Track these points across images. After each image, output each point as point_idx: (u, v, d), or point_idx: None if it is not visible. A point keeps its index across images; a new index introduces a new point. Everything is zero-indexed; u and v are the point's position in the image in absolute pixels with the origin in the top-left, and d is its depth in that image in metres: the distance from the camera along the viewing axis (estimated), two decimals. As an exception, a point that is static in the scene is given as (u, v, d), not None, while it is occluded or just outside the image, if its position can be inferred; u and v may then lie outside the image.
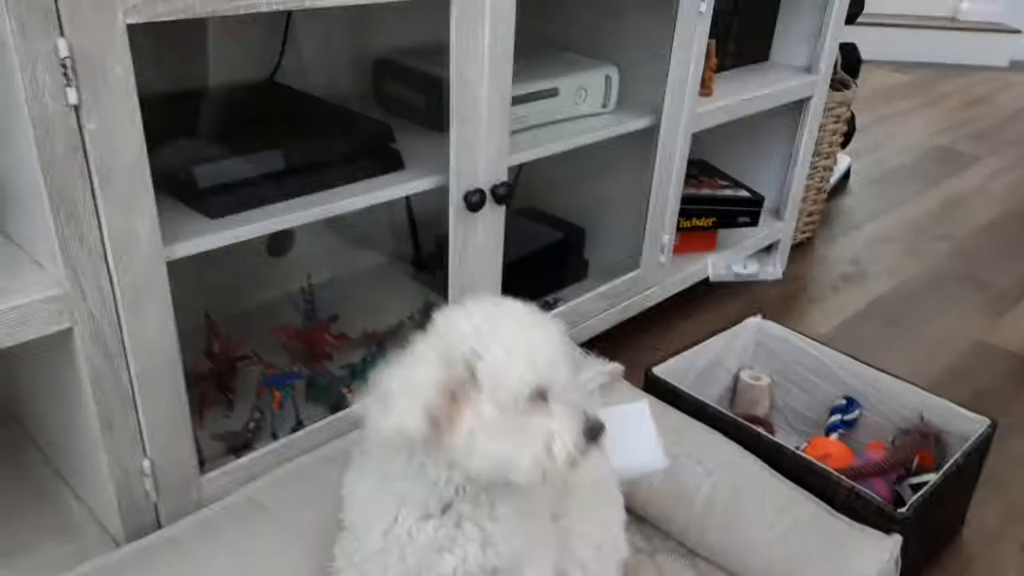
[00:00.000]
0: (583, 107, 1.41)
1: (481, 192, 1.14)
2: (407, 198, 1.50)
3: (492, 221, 1.20)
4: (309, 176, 1.03)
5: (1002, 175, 2.79)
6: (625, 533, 0.96)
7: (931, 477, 1.12)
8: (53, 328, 0.79)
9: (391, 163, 1.12)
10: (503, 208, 1.20)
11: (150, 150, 0.83)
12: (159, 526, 0.95)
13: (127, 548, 0.89)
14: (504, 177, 1.18)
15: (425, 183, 1.12)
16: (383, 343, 1.34)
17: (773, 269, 0.87)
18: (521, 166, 1.62)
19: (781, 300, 1.91)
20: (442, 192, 1.14)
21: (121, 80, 0.77)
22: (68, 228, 0.78)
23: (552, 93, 1.34)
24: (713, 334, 1.41)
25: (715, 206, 1.70)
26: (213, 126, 1.10)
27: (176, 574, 0.87)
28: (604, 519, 0.94)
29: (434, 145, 1.14)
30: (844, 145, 2.51)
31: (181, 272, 0.90)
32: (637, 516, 1.10)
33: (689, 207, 1.67)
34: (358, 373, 1.26)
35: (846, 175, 2.60)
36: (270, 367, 1.18)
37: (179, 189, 0.96)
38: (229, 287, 1.34)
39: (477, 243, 1.19)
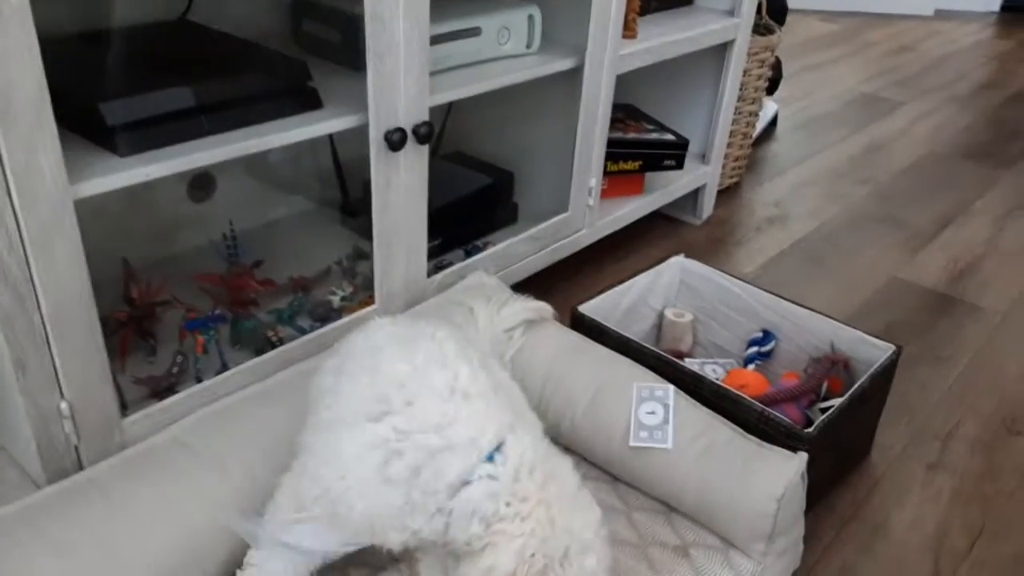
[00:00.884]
0: (506, 47, 1.41)
1: (402, 131, 1.14)
2: (332, 143, 1.49)
3: (415, 161, 1.20)
4: (222, 114, 1.02)
5: (924, 120, 2.88)
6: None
7: (839, 401, 1.18)
8: (-44, 267, 0.78)
9: (308, 102, 1.11)
10: (425, 148, 1.21)
11: (56, 89, 0.81)
12: (81, 469, 0.95)
13: (48, 489, 0.89)
14: (425, 117, 1.18)
15: (344, 122, 1.11)
16: (310, 288, 1.34)
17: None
18: (448, 111, 1.62)
19: (707, 242, 1.96)
20: (364, 133, 1.14)
21: (16, 10, 0.75)
22: (-34, 163, 0.76)
23: (474, 32, 1.34)
24: (639, 274, 1.45)
25: (641, 149, 1.72)
26: (122, 65, 1.07)
27: (99, 514, 0.87)
28: None
29: (354, 84, 1.13)
30: (770, 92, 2.56)
31: (99, 217, 0.89)
32: (564, 448, 1.13)
33: (616, 151, 1.69)
34: (284, 318, 1.26)
35: (773, 122, 2.65)
36: (191, 311, 1.17)
37: (87, 127, 0.94)
38: (149, 234, 1.32)
39: (400, 183, 1.19)
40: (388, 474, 0.76)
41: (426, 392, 0.79)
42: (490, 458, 0.78)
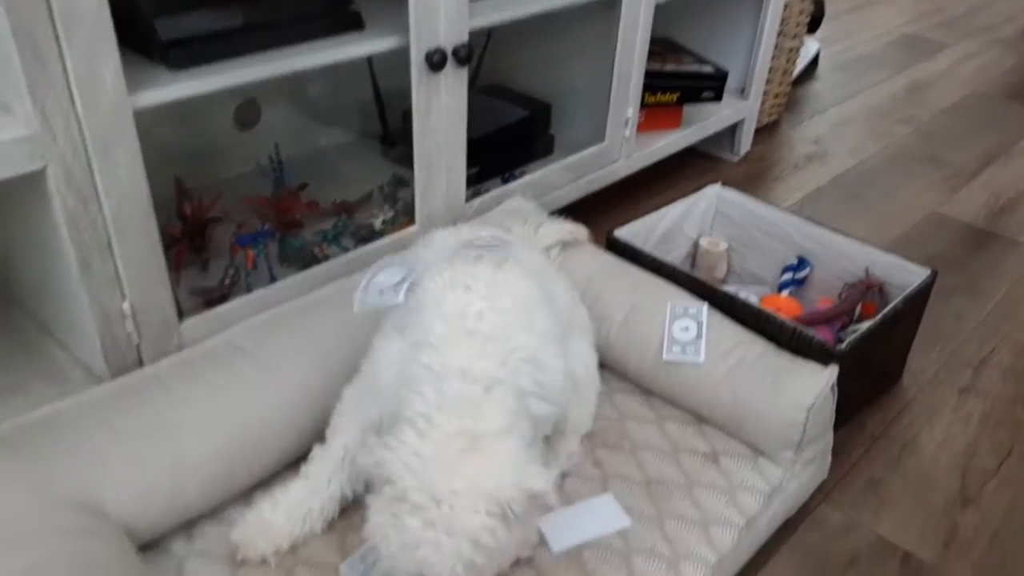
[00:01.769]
0: (546, -26, 1.42)
1: (442, 52, 1.16)
2: (372, 74, 1.51)
3: (455, 84, 1.22)
4: (269, 34, 1.05)
5: (968, 61, 2.82)
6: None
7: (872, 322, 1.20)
8: (28, 168, 0.83)
9: (351, 23, 1.14)
10: (465, 71, 1.23)
11: (113, 5, 0.84)
12: (142, 367, 1.00)
13: (112, 383, 0.95)
14: (465, 38, 1.20)
15: (386, 43, 1.14)
16: (352, 212, 1.38)
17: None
18: (487, 42, 1.64)
19: (744, 178, 1.96)
20: (403, 64, 1.16)
21: (76, -80, 0.79)
22: (36, 70, 0.80)
23: (513, -42, 1.35)
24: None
25: (679, 80, 1.72)
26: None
27: (160, 406, 0.93)
28: None
29: (395, 7, 1.16)
30: (812, 30, 2.52)
31: (152, 140, 0.93)
32: (598, 362, 1.16)
33: (653, 82, 1.69)
34: (329, 238, 1.31)
35: (814, 61, 2.61)
36: (242, 226, 1.22)
37: (142, 43, 0.98)
38: (199, 159, 1.36)
39: (441, 106, 1.22)
40: (402, 380, 0.83)
41: (434, 312, 0.84)
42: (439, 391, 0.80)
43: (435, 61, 1.15)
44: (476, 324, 0.83)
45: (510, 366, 0.82)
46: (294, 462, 0.98)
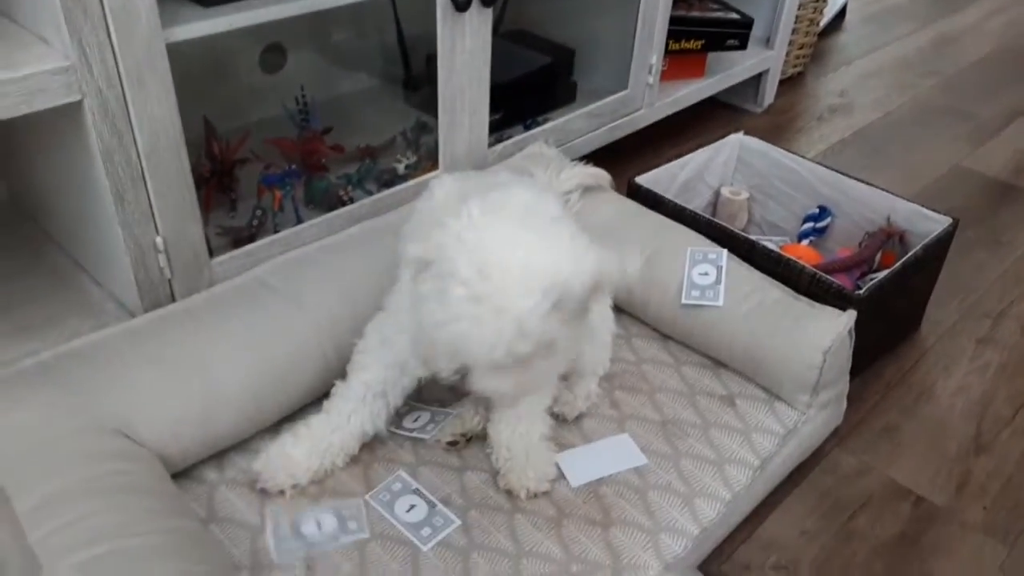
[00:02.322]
0: (571, -83, 1.40)
1: (468, -8, 1.16)
2: (396, 18, 1.51)
3: (479, 25, 1.22)
4: (297, -29, 1.05)
5: (996, 15, 2.76)
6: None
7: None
8: (65, 99, 0.84)
9: (379, -38, 1.14)
10: (489, 12, 1.23)
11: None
12: (174, 302, 1.03)
13: (145, 316, 0.98)
14: (491, -20, 1.20)
15: (412, -19, 1.14)
16: (376, 156, 1.39)
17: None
18: (511, -14, 1.62)
19: (767, 129, 1.95)
20: (427, 7, 1.16)
21: None
22: (72, 1, 0.81)
23: (540, -101, 1.34)
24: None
25: (704, 28, 1.71)
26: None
27: (192, 337, 0.95)
28: None
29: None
30: (840, -21, 2.47)
31: (182, 79, 0.94)
32: (616, 308, 1.18)
33: (678, 28, 1.68)
34: (354, 181, 1.32)
35: (841, 13, 2.57)
36: (268, 167, 1.23)
37: (172, -21, 0.99)
38: (227, 102, 1.37)
39: (465, 47, 1.22)
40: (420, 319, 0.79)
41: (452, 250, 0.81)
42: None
43: (460, 1, 1.15)
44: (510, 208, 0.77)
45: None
46: (321, 397, 1.00)
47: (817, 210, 1.43)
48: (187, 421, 0.92)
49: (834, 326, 1.05)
